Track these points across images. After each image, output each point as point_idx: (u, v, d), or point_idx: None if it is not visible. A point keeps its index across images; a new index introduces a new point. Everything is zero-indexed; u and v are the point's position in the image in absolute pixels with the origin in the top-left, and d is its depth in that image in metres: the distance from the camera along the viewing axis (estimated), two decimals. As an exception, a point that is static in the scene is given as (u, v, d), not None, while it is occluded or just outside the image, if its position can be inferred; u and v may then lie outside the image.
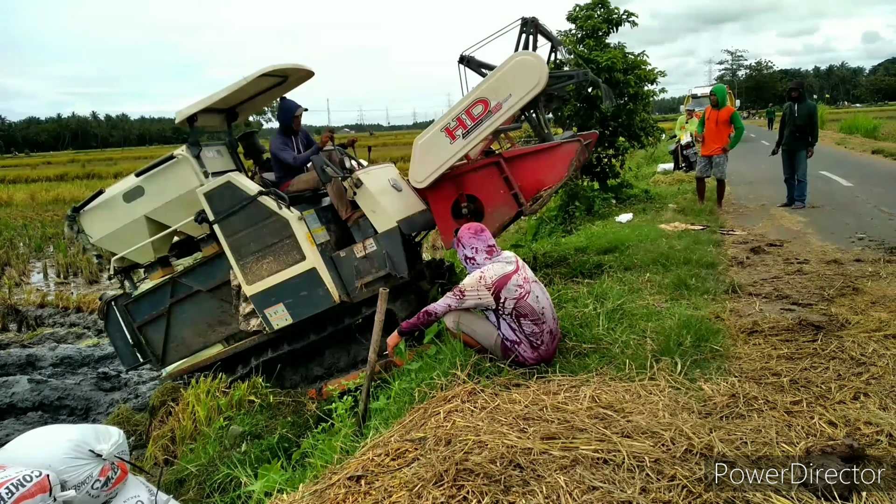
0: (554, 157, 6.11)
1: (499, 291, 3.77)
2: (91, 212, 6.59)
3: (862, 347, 3.86)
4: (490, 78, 5.78)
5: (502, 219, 6.23)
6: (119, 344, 6.89)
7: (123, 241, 6.47)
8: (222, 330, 6.61)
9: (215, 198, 5.98)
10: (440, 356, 4.30)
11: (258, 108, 7.45)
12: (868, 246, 7.04)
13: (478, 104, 5.72)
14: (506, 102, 5.66)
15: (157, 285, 6.63)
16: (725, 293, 5.38)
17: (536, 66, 5.64)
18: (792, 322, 4.41)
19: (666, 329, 4.28)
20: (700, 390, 3.40)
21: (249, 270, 6.01)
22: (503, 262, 3.90)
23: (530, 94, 5.65)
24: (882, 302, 4.80)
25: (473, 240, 4.00)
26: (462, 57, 6.48)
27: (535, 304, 3.80)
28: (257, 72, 6.09)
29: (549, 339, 3.87)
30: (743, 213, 10.08)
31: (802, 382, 3.45)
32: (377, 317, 4.82)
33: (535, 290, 3.87)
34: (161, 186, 6.25)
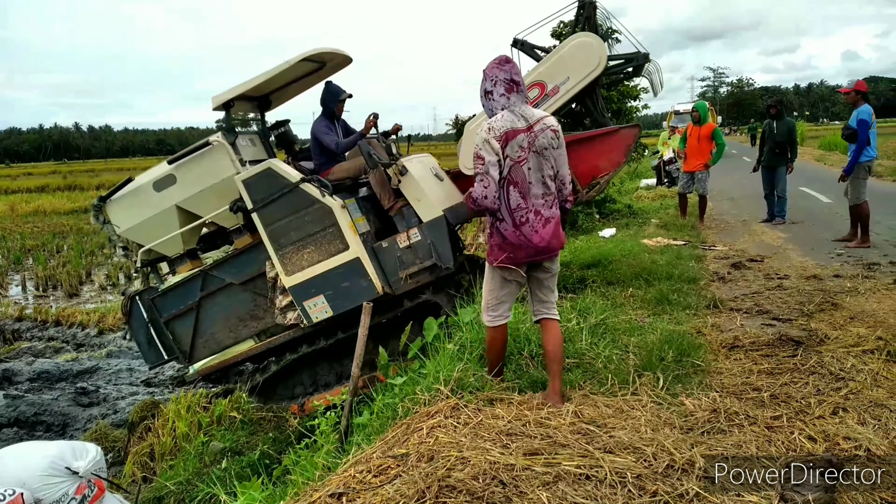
0: (611, 143, 5.93)
1: (505, 145, 3.36)
2: (118, 201, 6.39)
3: (841, 362, 3.90)
4: (547, 60, 5.60)
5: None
6: (142, 340, 6.67)
7: (152, 231, 6.27)
8: (255, 325, 6.39)
9: (254, 185, 5.81)
10: (424, 371, 4.29)
11: (291, 97, 7.23)
12: (847, 262, 7.13)
13: (534, 87, 5.55)
14: (563, 85, 5.50)
15: (187, 278, 6.40)
16: (707, 308, 5.42)
17: (596, 47, 5.49)
18: (772, 337, 4.46)
19: (648, 344, 4.30)
20: (682, 405, 3.42)
21: (289, 261, 5.83)
22: (517, 116, 3.42)
23: (590, 76, 5.49)
24: (860, 317, 4.86)
25: (496, 70, 3.48)
26: (515, 40, 6.29)
27: (526, 175, 3.41)
28: (299, 56, 5.92)
29: (536, 220, 3.46)
30: (724, 229, 10.18)
31: (782, 397, 3.48)
32: (360, 331, 4.80)
33: (532, 161, 3.43)
34: (194, 174, 6.06)
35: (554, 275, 3.74)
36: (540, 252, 3.52)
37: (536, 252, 3.51)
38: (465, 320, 4.75)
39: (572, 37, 5.60)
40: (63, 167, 73.49)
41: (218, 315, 6.38)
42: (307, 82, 6.82)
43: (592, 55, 5.45)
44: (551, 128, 3.48)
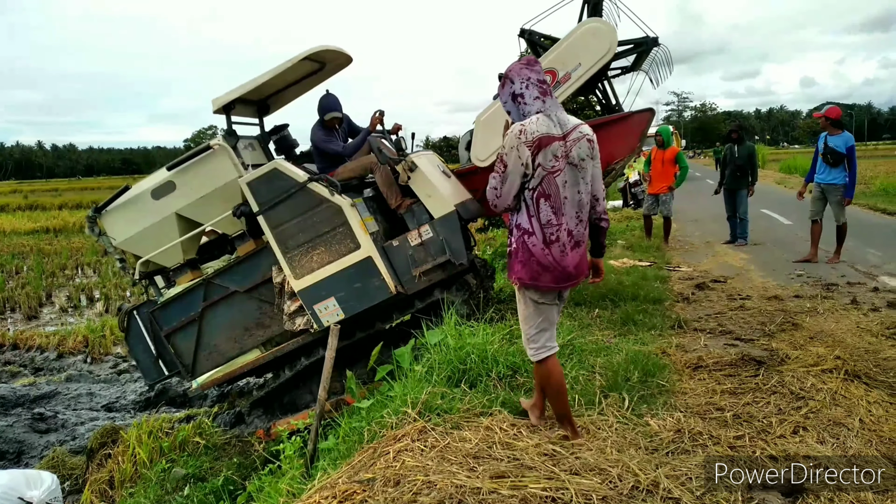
0: (625, 128, 5.87)
1: (538, 152, 3.02)
2: (114, 211, 6.18)
3: (801, 382, 3.98)
4: (557, 47, 5.56)
5: None
6: (142, 357, 6.44)
7: (151, 241, 6.08)
8: (260, 333, 6.19)
9: (260, 187, 5.67)
10: (392, 393, 4.26)
11: (289, 101, 7.10)
12: (806, 282, 7.31)
13: (545, 75, 5.59)
14: (575, 72, 5.46)
15: (188, 289, 6.19)
16: (672, 329, 5.50)
17: (606, 32, 5.48)
18: (735, 357, 4.53)
19: (614, 364, 4.34)
20: (647, 426, 3.45)
21: (297, 263, 5.68)
22: (553, 121, 3.08)
23: (601, 62, 5.47)
24: (819, 337, 4.98)
25: (525, 70, 3.15)
26: (522, 30, 6.26)
27: (560, 188, 3.06)
28: (301, 54, 5.83)
29: (567, 241, 3.11)
30: (689, 250, 10.37)
31: (745, 417, 3.53)
32: (328, 353, 4.76)
33: (568, 173, 3.08)
34: (195, 180, 5.89)
35: (565, 301, 3.48)
36: (568, 277, 3.17)
37: (564, 277, 3.16)
38: (433, 342, 4.73)
39: (582, 22, 5.59)
40: (24, 186, 71.92)
41: (221, 326, 6.19)
42: (306, 84, 6.73)
43: (603, 40, 5.45)
44: (587, 137, 3.14)
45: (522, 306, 3.33)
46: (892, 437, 3.23)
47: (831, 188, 8.30)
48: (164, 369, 6.37)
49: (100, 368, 9.81)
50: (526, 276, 3.19)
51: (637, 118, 5.87)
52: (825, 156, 8.26)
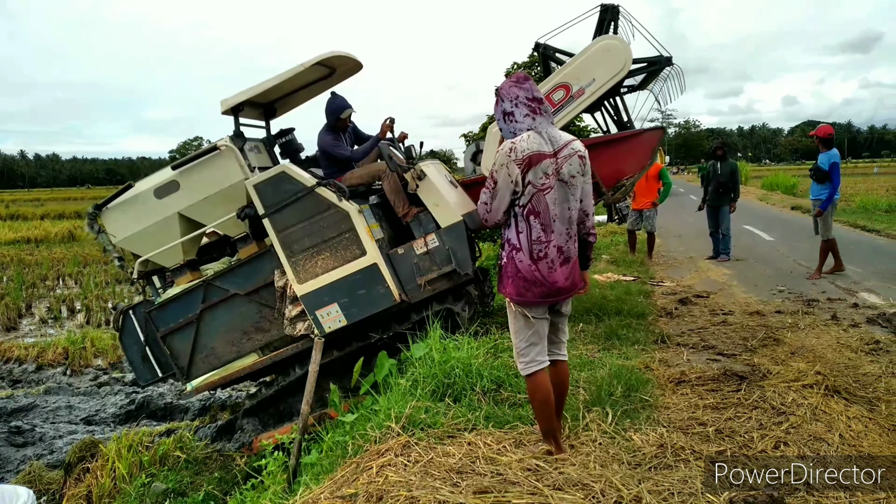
0: (636, 145, 5.91)
1: (527, 170, 3.04)
2: (116, 209, 6.10)
3: (782, 397, 4.01)
4: (572, 63, 5.61)
5: None
6: (135, 357, 6.35)
7: (151, 241, 6.01)
8: (259, 337, 6.10)
9: (267, 190, 5.63)
10: (376, 407, 4.24)
11: (296, 105, 7.06)
12: (788, 298, 7.39)
13: (559, 89, 5.58)
14: (588, 87, 5.52)
15: (187, 289, 6.10)
16: (655, 343, 5.53)
17: (621, 49, 5.53)
18: (717, 372, 4.56)
19: (598, 379, 4.36)
20: (630, 440, 3.46)
21: (301, 268, 5.64)
22: (544, 139, 3.10)
23: (615, 78, 5.51)
24: (800, 352, 5.03)
25: (514, 88, 3.18)
26: (537, 44, 6.29)
27: (551, 206, 3.09)
28: (313, 59, 5.81)
29: (556, 257, 3.14)
30: (672, 265, 10.45)
31: (727, 432, 3.55)
32: (311, 367, 4.75)
33: (558, 190, 3.10)
34: (200, 180, 5.83)
35: (566, 316, 3.46)
36: (557, 293, 3.19)
37: (553, 292, 3.17)
38: (417, 355, 4.73)
39: (597, 39, 5.65)
40: (6, 195, 71.13)
41: (219, 328, 6.11)
42: (314, 89, 6.72)
43: (618, 57, 5.52)
44: (579, 153, 3.15)
45: (513, 320, 3.34)
46: (872, 453, 3.26)
47: (816, 203, 8.55)
48: (158, 371, 6.28)
49: (79, 381, 9.67)
50: (514, 291, 3.21)
51: (648, 136, 5.94)
52: (811, 172, 8.47)
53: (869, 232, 13.60)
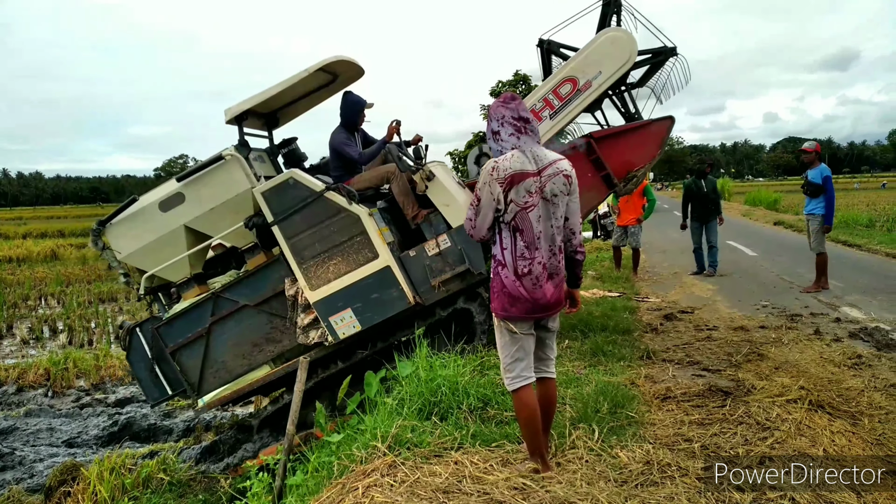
0: (645, 136, 5.93)
1: (510, 188, 3.09)
2: (119, 224, 5.99)
3: (767, 412, 4.03)
4: (578, 56, 5.64)
5: (590, 204, 6.03)
6: (143, 375, 6.19)
7: (157, 255, 5.90)
8: (271, 349, 5.99)
9: (275, 197, 5.57)
10: (362, 426, 4.22)
11: (298, 114, 6.99)
12: (771, 313, 7.45)
13: (566, 83, 5.59)
14: (595, 80, 5.54)
15: (195, 303, 5.99)
16: (640, 359, 5.55)
17: (626, 41, 5.57)
18: (702, 388, 4.58)
19: (584, 396, 4.36)
20: (616, 458, 3.46)
21: (313, 274, 5.57)
22: (528, 157, 3.15)
23: (621, 70, 5.55)
24: (784, 367, 5.07)
25: (501, 108, 3.24)
26: (541, 41, 6.30)
27: (534, 223, 3.13)
28: (317, 64, 5.78)
29: (541, 273, 3.17)
30: (657, 281, 10.52)
31: (712, 448, 3.56)
32: (297, 387, 4.72)
33: (543, 208, 3.15)
34: (206, 191, 5.76)
35: (555, 332, 3.48)
36: (541, 309, 3.22)
37: (537, 308, 3.21)
38: (404, 374, 4.71)
39: (602, 31, 5.69)
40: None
41: (230, 341, 6.00)
42: (316, 98, 6.69)
43: (623, 49, 5.56)
44: (564, 172, 3.19)
45: (499, 335, 3.36)
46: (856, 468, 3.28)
47: (811, 217, 8.77)
48: (168, 388, 6.17)
49: (61, 402, 9.52)
50: (499, 306, 3.25)
51: (656, 126, 5.96)
52: (804, 187, 8.62)
53: (850, 247, 13.79)
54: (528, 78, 13.29)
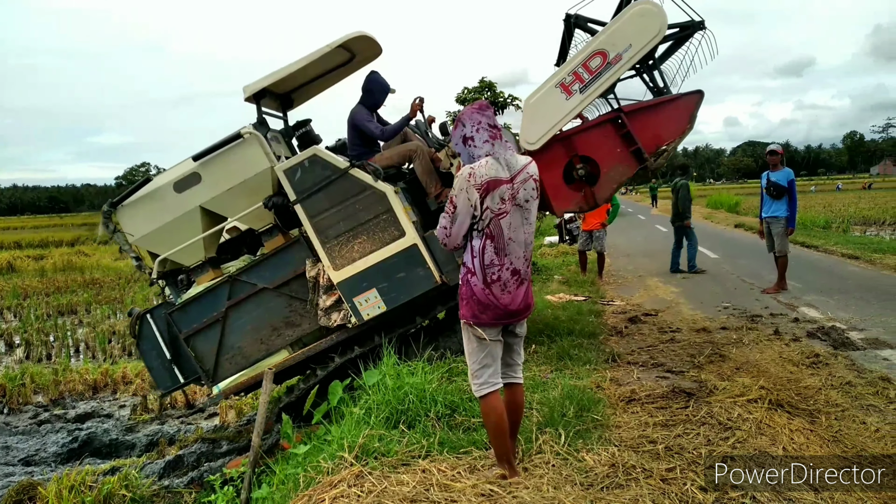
0: (675, 110, 5.93)
1: (486, 195, 3.11)
2: (132, 206, 5.77)
3: (728, 412, 4.11)
4: (608, 29, 5.63)
5: (620, 178, 6.00)
6: (155, 364, 6.01)
7: (171, 238, 5.72)
8: (290, 333, 5.81)
9: (298, 175, 5.43)
10: (328, 437, 4.18)
11: (313, 95, 6.87)
12: (732, 314, 7.60)
13: (595, 56, 5.56)
14: (626, 53, 5.52)
15: (211, 287, 5.79)
16: (606, 362, 5.61)
17: (657, 13, 5.56)
18: (666, 389, 4.65)
19: (551, 400, 4.39)
20: (583, 461, 3.49)
21: (337, 254, 5.43)
22: (501, 164, 3.18)
23: (651, 43, 5.55)
24: (745, 368, 5.17)
25: (477, 114, 3.27)
26: (568, 15, 6.27)
27: (506, 230, 3.17)
28: (338, 40, 5.67)
29: (511, 279, 3.21)
30: (622, 284, 10.65)
31: (676, 449, 3.61)
32: (262, 398, 4.66)
33: (515, 215, 3.19)
34: (223, 171, 5.58)
35: (522, 338, 3.50)
36: (510, 315, 3.25)
37: (506, 314, 3.23)
38: (370, 382, 4.69)
39: (632, 4, 5.67)
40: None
41: (247, 325, 5.82)
42: (332, 77, 6.57)
43: (654, 21, 5.55)
44: (533, 176, 3.25)
45: (466, 342, 3.36)
46: (814, 465, 3.36)
47: (774, 220, 8.92)
48: (180, 376, 6.00)
49: (18, 419, 9.23)
50: (469, 313, 3.25)
51: (685, 100, 5.96)
52: (768, 189, 8.83)
53: (808, 248, 14.14)
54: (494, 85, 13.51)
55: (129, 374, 9.17)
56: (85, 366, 9.69)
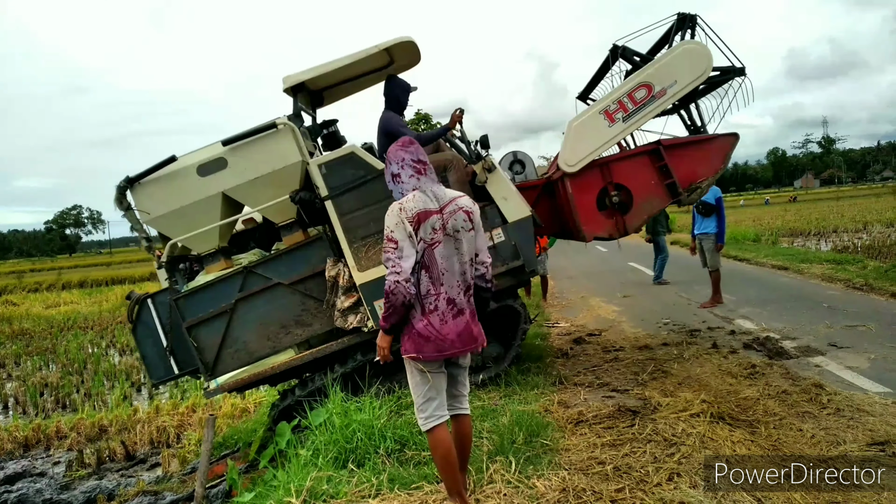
0: (712, 149, 6.09)
1: (418, 226, 3.14)
2: (152, 183, 5.49)
3: (673, 428, 4.19)
4: (655, 63, 5.80)
5: (652, 210, 6.14)
6: (149, 351, 5.70)
7: (187, 222, 5.47)
8: (299, 332, 5.60)
9: (334, 171, 5.36)
10: (275, 482, 4.06)
11: (344, 96, 6.78)
12: (672, 330, 7.80)
13: (641, 88, 5.73)
14: (670, 88, 5.71)
15: (223, 277, 5.56)
16: (553, 385, 5.66)
17: (704, 55, 5.76)
18: (612, 409, 4.71)
19: (500, 428, 4.39)
20: (534, 488, 3.49)
21: (364, 255, 5.33)
22: (429, 196, 3.22)
23: (695, 81, 5.74)
24: (687, 382, 5.30)
25: (401, 152, 3.32)
26: (615, 46, 6.42)
27: (439, 259, 3.17)
28: (385, 43, 5.64)
29: (448, 310, 3.19)
30: (566, 306, 10.81)
31: (624, 469, 3.65)
32: (204, 446, 4.51)
33: (447, 245, 3.20)
34: (252, 159, 5.40)
35: (466, 368, 3.46)
36: (451, 346, 3.19)
37: (447, 345, 3.18)
38: (317, 422, 4.60)
39: (680, 43, 5.91)
40: None
41: (256, 320, 5.60)
42: (366, 81, 6.51)
43: (700, 62, 5.79)
44: (464, 209, 3.27)
45: (410, 376, 3.33)
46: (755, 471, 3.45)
47: (705, 237, 9.28)
48: (175, 367, 5.72)
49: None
50: (412, 348, 3.21)
51: (722, 140, 6.18)
52: (698, 207, 9.15)
53: (740, 261, 14.68)
54: (430, 117, 13.63)
55: (64, 428, 8.72)
56: (14, 422, 9.15)
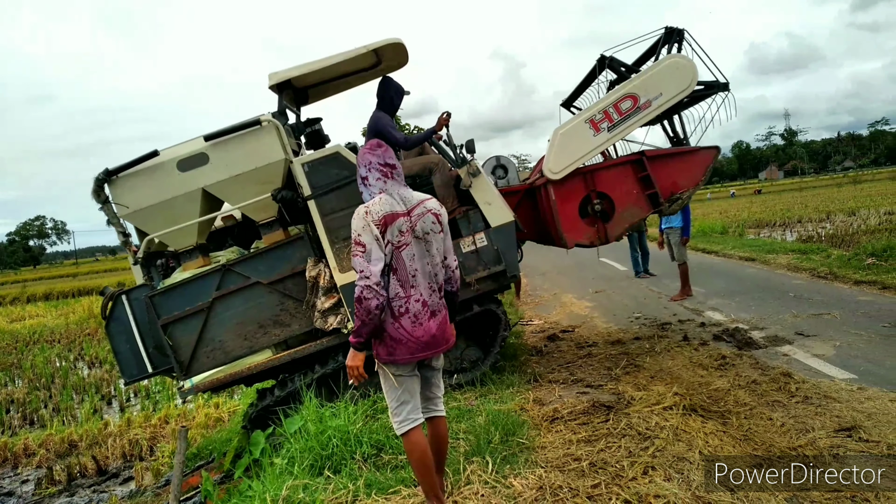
0: (693, 161, 6.21)
1: (385, 229, 3.12)
2: (130, 178, 5.37)
3: (646, 422, 4.23)
4: (642, 75, 5.88)
5: (632, 220, 6.20)
6: (122, 348, 5.55)
7: (165, 217, 5.37)
8: (277, 332, 5.52)
9: (317, 170, 5.32)
10: (251, 493, 4.01)
11: (329, 95, 6.72)
12: (644, 324, 7.89)
13: (627, 99, 5.84)
14: (655, 100, 5.81)
15: (199, 275, 5.45)
16: (528, 383, 5.68)
17: (690, 68, 5.87)
18: (587, 405, 4.74)
19: (476, 428, 4.39)
20: (511, 487, 3.50)
21: (346, 256, 5.28)
22: (396, 199, 3.22)
23: (680, 94, 5.84)
24: (659, 376, 5.36)
25: (368, 155, 3.31)
26: (603, 56, 6.48)
27: (408, 262, 3.16)
28: (374, 44, 5.60)
29: (420, 311, 3.18)
30: (539, 303, 10.87)
31: (600, 464, 3.68)
32: (176, 458, 4.44)
33: (416, 247, 3.19)
34: (234, 156, 5.31)
35: (439, 371, 3.44)
36: (424, 347, 3.19)
37: (419, 347, 3.18)
38: (291, 430, 4.55)
39: (666, 56, 6.01)
40: None
41: (233, 319, 5.50)
42: (352, 81, 6.48)
43: (686, 75, 5.89)
44: (432, 211, 3.28)
45: (383, 380, 3.31)
46: (729, 464, 3.50)
47: (671, 231, 9.46)
48: (149, 366, 5.58)
49: None
50: (384, 352, 3.19)
51: (704, 153, 6.31)
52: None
53: (708, 254, 14.92)
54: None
55: (32, 445, 8.51)
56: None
